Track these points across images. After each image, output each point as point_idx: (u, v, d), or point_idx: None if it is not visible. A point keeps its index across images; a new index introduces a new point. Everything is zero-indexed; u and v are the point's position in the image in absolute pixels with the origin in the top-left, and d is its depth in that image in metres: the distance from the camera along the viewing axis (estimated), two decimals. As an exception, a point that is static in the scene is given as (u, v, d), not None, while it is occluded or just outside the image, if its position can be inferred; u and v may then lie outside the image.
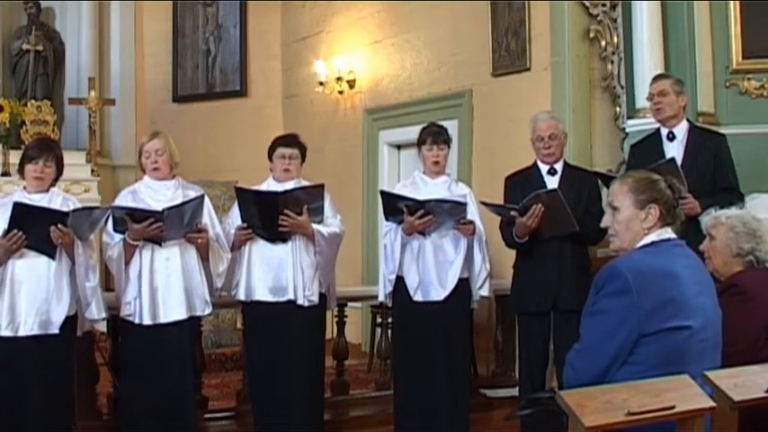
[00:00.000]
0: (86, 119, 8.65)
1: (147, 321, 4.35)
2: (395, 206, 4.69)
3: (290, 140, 4.85)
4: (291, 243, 4.62)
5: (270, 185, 4.76)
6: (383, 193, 4.88)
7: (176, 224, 4.31)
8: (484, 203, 4.70)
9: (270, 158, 4.81)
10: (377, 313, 6.65)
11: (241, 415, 5.14)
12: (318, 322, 4.79)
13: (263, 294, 4.64)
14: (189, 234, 4.39)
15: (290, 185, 4.66)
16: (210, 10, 9.88)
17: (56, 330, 4.13)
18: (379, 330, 6.47)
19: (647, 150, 4.64)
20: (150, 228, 4.25)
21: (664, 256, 2.73)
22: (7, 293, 4.09)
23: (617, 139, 5.66)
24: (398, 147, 7.85)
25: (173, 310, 4.38)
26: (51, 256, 4.13)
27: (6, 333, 4.07)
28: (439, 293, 4.72)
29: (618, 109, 5.73)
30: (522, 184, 4.70)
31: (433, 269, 4.73)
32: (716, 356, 2.77)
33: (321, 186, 4.65)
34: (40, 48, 8.87)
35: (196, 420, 4.65)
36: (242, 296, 4.69)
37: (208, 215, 4.55)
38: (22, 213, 4.02)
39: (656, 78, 4.71)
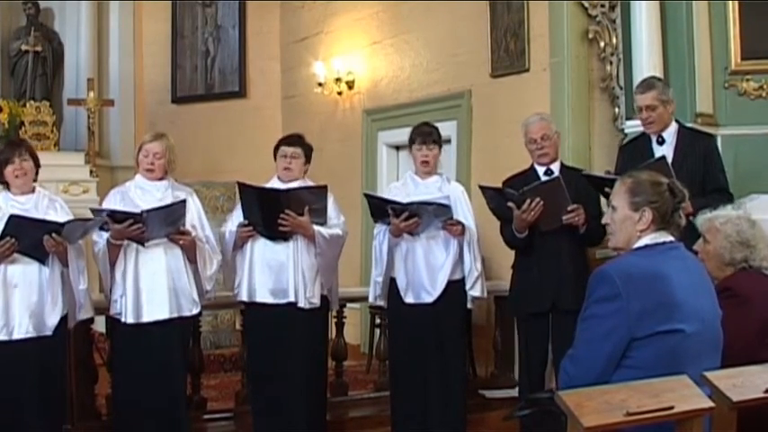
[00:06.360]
0: (85, 120, 8.65)
1: (130, 320, 4.37)
2: (381, 208, 4.70)
3: (292, 140, 4.86)
4: (293, 244, 4.62)
5: (274, 185, 4.76)
6: (368, 196, 4.89)
7: (157, 225, 4.32)
8: (482, 187, 4.67)
9: (274, 158, 4.82)
10: (376, 314, 6.65)
11: (240, 416, 5.13)
12: (319, 325, 4.78)
13: (263, 296, 4.65)
14: (171, 235, 4.39)
15: (293, 185, 4.67)
16: (209, 11, 9.88)
17: (49, 332, 4.18)
18: (378, 331, 6.48)
19: (636, 151, 4.64)
20: (130, 229, 4.26)
21: (655, 259, 2.72)
22: (1, 297, 4.12)
23: (616, 139, 5.66)
24: (397, 148, 7.85)
25: (156, 310, 4.38)
26: (43, 261, 4.16)
27: (1, 337, 4.10)
28: (429, 295, 4.72)
29: (617, 110, 5.73)
30: (520, 187, 4.70)
31: (424, 271, 4.73)
32: (715, 357, 2.77)
33: (324, 188, 4.65)
34: (38, 48, 8.85)
35: (188, 421, 4.65)
36: (244, 297, 4.70)
37: (197, 217, 4.56)
38: (16, 225, 4.05)
39: (642, 89, 4.65)
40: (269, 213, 4.54)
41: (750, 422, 2.68)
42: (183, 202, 4.40)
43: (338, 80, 8.28)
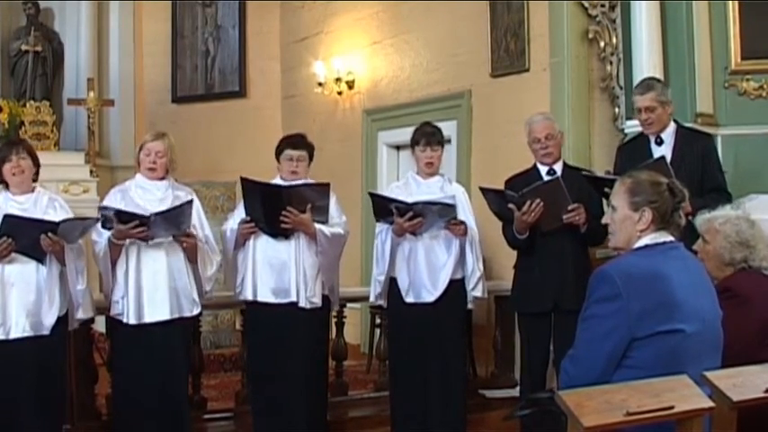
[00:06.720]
0: (85, 119, 8.65)
1: (132, 321, 4.37)
2: (385, 207, 4.70)
3: (297, 142, 4.84)
4: (294, 242, 4.62)
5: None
6: (372, 195, 4.90)
7: (163, 227, 4.33)
8: (483, 189, 4.68)
9: (277, 158, 4.81)
10: (376, 314, 6.65)
11: (240, 416, 5.13)
12: (320, 325, 4.78)
13: (265, 295, 4.65)
14: (176, 236, 4.39)
15: (296, 183, 4.66)
16: (209, 11, 9.88)
17: (46, 332, 4.17)
18: (378, 331, 6.48)
19: (635, 152, 4.64)
20: (135, 231, 4.26)
21: (656, 259, 2.72)
22: None
23: (616, 139, 5.66)
24: (397, 147, 7.85)
25: (157, 310, 4.38)
26: (41, 261, 4.16)
27: None
28: (430, 294, 4.71)
29: (617, 110, 5.74)
30: (522, 186, 4.69)
31: (425, 271, 4.73)
32: (715, 357, 2.77)
33: (327, 185, 4.65)
34: (38, 48, 8.86)
35: (190, 421, 4.65)
36: (249, 296, 4.69)
37: (197, 217, 4.55)
38: (11, 224, 4.05)
39: (640, 91, 4.65)
40: (271, 209, 4.53)
41: (750, 422, 2.68)
42: (190, 202, 4.40)
43: (338, 80, 8.28)
